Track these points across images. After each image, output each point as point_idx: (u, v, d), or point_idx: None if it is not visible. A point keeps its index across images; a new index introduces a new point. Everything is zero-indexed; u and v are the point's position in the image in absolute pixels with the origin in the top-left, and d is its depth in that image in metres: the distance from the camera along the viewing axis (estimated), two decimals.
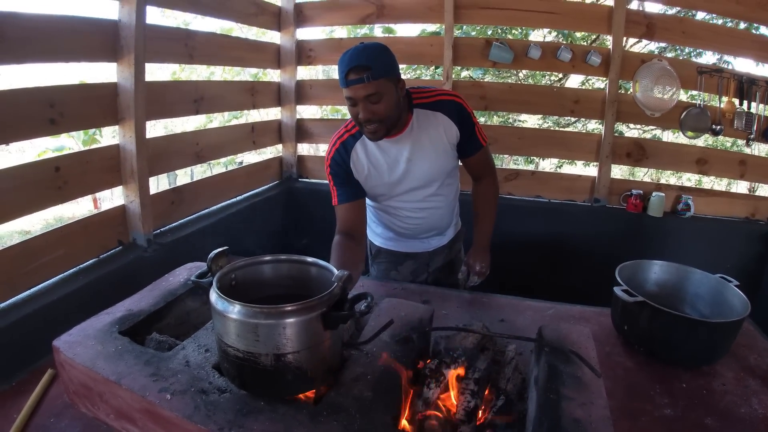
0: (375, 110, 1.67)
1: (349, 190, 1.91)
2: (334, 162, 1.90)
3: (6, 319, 1.75)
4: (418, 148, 1.86)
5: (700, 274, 1.81)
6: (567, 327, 1.42)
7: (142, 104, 2.27)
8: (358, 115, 1.69)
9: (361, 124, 1.73)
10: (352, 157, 1.88)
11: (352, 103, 1.69)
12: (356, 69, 1.61)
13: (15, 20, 1.82)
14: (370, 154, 1.88)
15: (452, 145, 1.91)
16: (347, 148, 1.89)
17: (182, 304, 1.61)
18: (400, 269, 2.22)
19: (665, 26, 3.26)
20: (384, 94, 1.66)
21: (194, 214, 2.86)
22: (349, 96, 1.67)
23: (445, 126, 1.86)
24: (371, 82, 1.62)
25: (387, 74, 1.66)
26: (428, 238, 2.17)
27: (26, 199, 1.92)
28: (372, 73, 1.61)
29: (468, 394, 1.23)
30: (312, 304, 1.07)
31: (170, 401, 1.11)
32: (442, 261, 2.25)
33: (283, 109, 3.89)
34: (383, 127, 1.73)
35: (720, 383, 1.50)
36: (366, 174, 1.90)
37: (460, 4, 3.40)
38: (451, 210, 2.14)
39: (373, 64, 1.62)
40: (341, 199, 1.91)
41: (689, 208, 3.30)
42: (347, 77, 1.63)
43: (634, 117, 3.46)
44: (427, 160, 1.89)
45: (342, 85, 1.67)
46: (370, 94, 1.64)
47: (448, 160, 1.94)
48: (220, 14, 3.14)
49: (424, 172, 1.91)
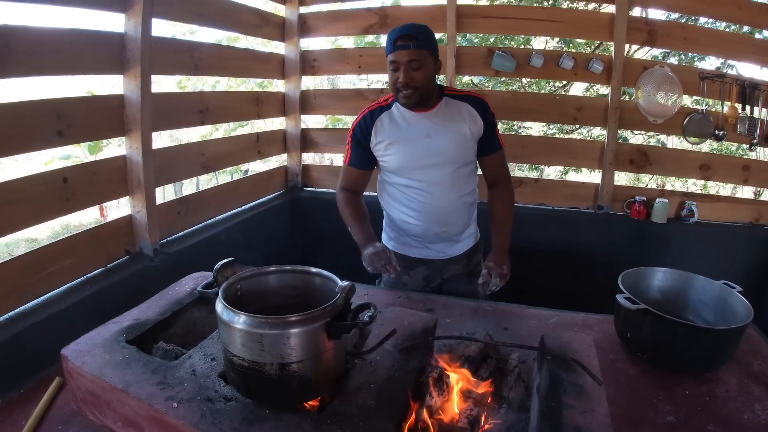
0: (414, 76, 1.89)
1: (362, 156, 2.11)
2: (358, 127, 2.09)
3: (15, 328, 1.77)
4: (440, 127, 2.02)
5: (703, 281, 1.81)
6: (569, 335, 1.43)
7: (148, 116, 2.30)
8: (398, 79, 1.91)
9: (398, 89, 1.93)
10: (377, 124, 2.06)
11: (395, 68, 1.91)
12: (404, 37, 1.87)
13: (23, 34, 1.85)
14: (395, 122, 2.05)
15: (474, 136, 2.06)
16: (373, 117, 2.07)
17: (189, 313, 1.63)
18: (413, 274, 2.23)
19: (667, 32, 3.28)
20: (423, 63, 1.89)
21: (200, 224, 2.89)
22: (394, 60, 1.90)
23: (469, 116, 2.04)
24: (415, 50, 1.87)
25: (429, 48, 1.91)
26: (441, 243, 2.17)
27: (35, 209, 1.95)
28: (417, 42, 1.87)
29: (471, 402, 1.24)
30: (316, 315, 1.09)
31: (177, 409, 1.13)
32: (459, 271, 2.25)
33: (288, 118, 3.92)
34: (417, 94, 1.93)
35: (723, 390, 1.50)
36: (387, 140, 2.05)
37: (462, 13, 3.43)
38: (465, 210, 2.16)
39: (419, 36, 1.88)
40: (352, 162, 2.14)
41: (693, 214, 3.30)
42: (395, 43, 1.89)
43: (637, 124, 3.48)
44: (446, 139, 2.02)
45: (388, 51, 1.92)
46: (412, 59, 1.87)
47: (466, 149, 2.07)
48: (225, 26, 3.18)
49: (440, 150, 2.02)
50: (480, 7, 4.22)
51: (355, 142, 2.11)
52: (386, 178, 2.17)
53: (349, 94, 4.12)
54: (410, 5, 3.88)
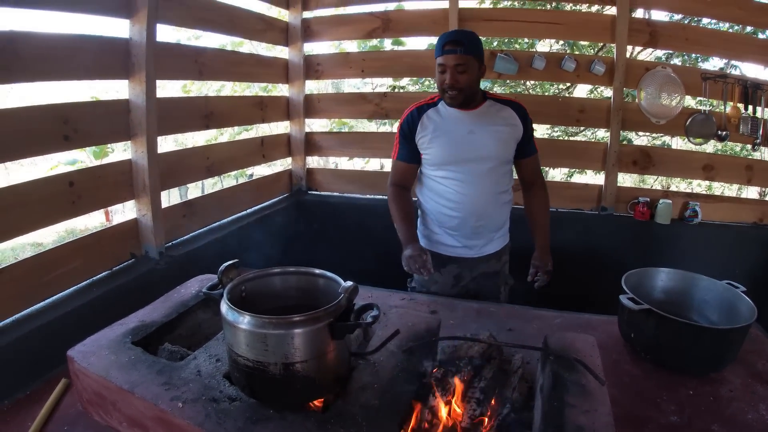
0: (459, 79, 2.03)
1: (408, 150, 2.24)
2: (405, 122, 2.22)
3: (21, 330, 1.78)
4: (482, 126, 2.14)
5: (706, 281, 1.82)
6: (572, 336, 1.44)
7: (153, 120, 2.32)
8: (445, 80, 2.05)
9: (444, 90, 2.08)
10: (423, 120, 2.19)
11: (442, 70, 2.05)
12: (452, 42, 2.02)
13: (30, 40, 1.87)
14: (441, 118, 2.18)
15: (513, 138, 2.19)
16: (420, 113, 2.20)
17: (194, 315, 1.64)
18: (444, 272, 2.29)
19: (669, 33, 3.28)
20: (468, 67, 2.03)
21: (205, 227, 2.90)
22: (442, 63, 2.04)
23: (510, 120, 2.18)
24: (461, 55, 2.00)
25: (474, 53, 2.04)
26: (476, 239, 2.24)
27: (41, 212, 1.96)
28: (464, 48, 2.01)
29: (474, 402, 1.25)
30: (319, 315, 1.10)
31: (182, 409, 1.14)
32: (487, 269, 2.33)
33: (292, 122, 3.93)
34: (462, 95, 2.07)
35: (727, 390, 1.51)
36: (431, 134, 2.17)
37: (464, 16, 3.43)
38: (500, 208, 2.25)
39: (465, 42, 2.02)
40: (400, 156, 2.26)
41: (697, 215, 3.29)
42: (444, 47, 2.03)
43: (640, 125, 3.47)
44: (487, 137, 2.14)
45: (438, 54, 2.06)
46: (458, 63, 2.01)
47: (506, 148, 2.20)
48: (229, 31, 3.21)
49: (481, 146, 2.13)
50: (482, 10, 4.24)
51: (402, 136, 2.24)
52: (427, 172, 2.26)
53: (353, 97, 4.13)
54: (413, 9, 3.87)
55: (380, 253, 2.41)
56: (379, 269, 2.44)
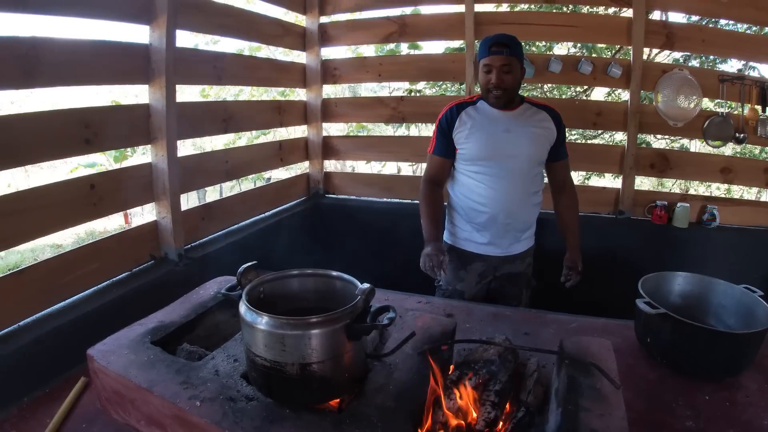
0: (505, 78, 2.11)
1: (445, 145, 2.29)
2: (444, 117, 2.29)
3: (42, 328, 1.82)
4: (518, 127, 2.21)
5: (724, 285, 1.79)
6: (588, 339, 1.43)
7: (173, 124, 2.35)
8: (491, 80, 2.13)
9: (489, 90, 2.16)
10: (461, 116, 2.25)
11: (488, 70, 2.14)
12: (498, 44, 2.10)
13: (51, 45, 1.91)
14: (479, 115, 2.25)
15: (548, 140, 2.26)
16: (459, 109, 2.27)
17: (212, 316, 1.66)
18: (469, 269, 2.34)
19: (685, 35, 3.24)
20: (513, 68, 2.12)
21: (224, 230, 2.92)
22: (488, 63, 2.13)
23: (545, 123, 2.25)
24: (507, 56, 2.10)
25: (518, 55, 2.14)
26: (504, 237, 2.28)
27: (63, 214, 2.00)
28: (510, 50, 2.10)
29: (489, 405, 1.25)
30: (336, 316, 1.11)
31: (199, 408, 1.16)
32: (512, 269, 2.37)
33: (310, 126, 3.95)
34: (506, 95, 2.16)
35: (744, 395, 1.49)
36: (469, 130, 2.23)
37: (481, 20, 3.43)
38: (530, 208, 2.30)
39: (510, 44, 2.11)
40: (436, 150, 2.32)
41: (715, 218, 3.25)
42: (491, 48, 2.11)
43: (657, 127, 3.44)
44: (522, 136, 2.20)
45: (483, 54, 2.14)
46: (504, 64, 2.10)
47: (539, 150, 2.25)
48: (247, 36, 3.24)
49: (516, 145, 2.19)
50: (498, 13, 4.21)
51: (440, 131, 2.30)
52: (461, 167, 2.30)
53: (370, 102, 4.15)
54: (429, 13, 3.88)
55: (397, 256, 2.42)
56: (396, 272, 2.45)
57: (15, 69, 1.78)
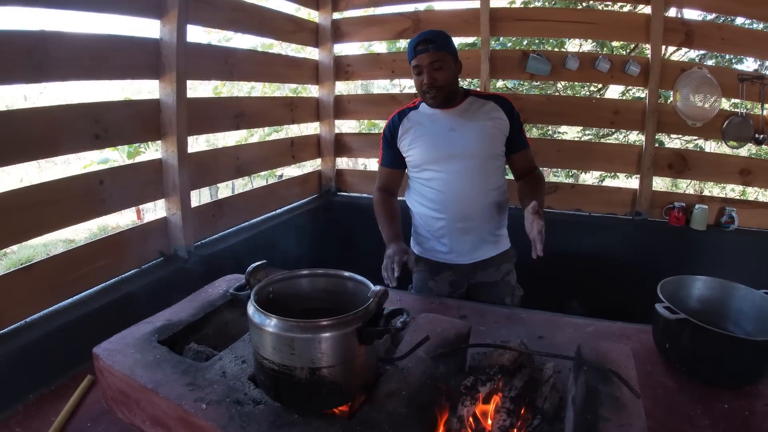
0: (436, 76, 2.00)
1: (391, 155, 2.23)
2: (387, 128, 2.22)
3: (49, 325, 1.80)
4: (464, 122, 2.10)
5: (744, 290, 1.74)
6: (606, 345, 1.39)
7: (183, 120, 2.33)
8: (423, 81, 2.02)
9: (424, 91, 2.05)
10: (403, 123, 2.17)
11: (418, 72, 2.03)
12: (422, 42, 2.00)
13: (61, 39, 1.89)
14: (421, 119, 2.16)
15: (500, 132, 2.12)
16: (401, 117, 2.20)
17: (220, 315, 1.64)
18: (438, 279, 2.23)
19: (704, 33, 3.17)
20: (444, 64, 2.00)
21: (234, 227, 2.90)
22: (416, 65, 2.02)
23: (494, 113, 2.11)
24: (434, 52, 1.98)
25: (447, 49, 2.02)
26: (466, 242, 2.15)
27: (72, 210, 1.99)
28: (435, 45, 1.99)
29: (504, 412, 1.21)
30: (348, 319, 1.08)
31: (206, 411, 1.13)
32: (487, 278, 2.23)
33: (322, 123, 3.93)
34: (442, 93, 2.04)
35: (763, 404, 1.44)
36: (412, 135, 2.15)
37: (496, 16, 3.39)
38: (490, 206, 2.14)
39: (436, 39, 2.00)
40: (384, 162, 2.26)
41: (733, 221, 3.19)
42: (416, 48, 2.00)
43: (676, 127, 3.37)
44: (469, 132, 2.09)
45: (410, 56, 2.04)
46: (433, 61, 1.98)
47: (491, 143, 2.12)
48: (259, 32, 3.22)
49: (463, 143, 2.08)
50: (514, 9, 4.19)
51: (385, 142, 2.23)
52: (412, 175, 2.22)
53: (383, 99, 4.11)
54: (443, 9, 3.84)
55: None
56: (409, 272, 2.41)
57: (24, 63, 1.77)
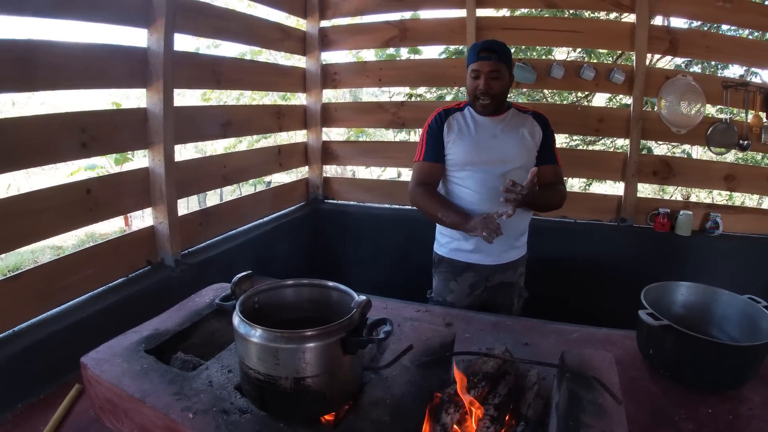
0: (493, 85, 2.09)
1: (436, 149, 2.23)
2: (434, 122, 2.25)
3: (36, 334, 1.80)
4: (506, 131, 2.19)
5: (727, 295, 1.77)
6: (589, 352, 1.40)
7: (170, 129, 2.34)
8: (479, 86, 2.10)
9: (477, 96, 2.13)
10: (449, 121, 2.23)
11: (476, 76, 2.11)
12: (487, 50, 2.08)
13: (48, 48, 1.89)
14: (466, 122, 2.22)
15: (535, 144, 2.21)
16: (447, 114, 2.25)
17: (207, 324, 1.64)
18: (459, 280, 2.29)
19: (688, 41, 3.23)
20: (501, 75, 2.10)
21: (221, 235, 2.90)
22: (476, 69, 2.10)
23: (532, 126, 2.22)
24: (496, 62, 2.07)
25: (506, 62, 2.12)
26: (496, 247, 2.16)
27: (59, 219, 1.98)
28: (498, 56, 2.08)
29: (487, 419, 1.22)
30: (331, 330, 1.09)
31: (192, 420, 1.14)
32: (504, 279, 2.30)
33: (310, 131, 3.94)
34: (494, 102, 2.13)
35: (747, 408, 1.46)
36: (456, 135, 2.20)
37: (482, 25, 3.41)
38: (518, 215, 2.10)
39: (499, 50, 2.09)
40: (426, 157, 2.24)
41: (718, 226, 3.23)
42: (479, 54, 2.08)
43: (660, 134, 3.42)
44: (510, 141, 2.18)
45: (472, 60, 2.11)
46: (493, 70, 2.08)
47: (528, 154, 2.21)
48: (246, 40, 3.23)
49: (504, 150, 2.17)
50: (500, 18, 4.21)
51: (430, 136, 2.25)
52: (449, 174, 2.26)
53: (370, 107, 4.13)
54: (430, 18, 3.87)
55: (396, 262, 2.40)
56: (395, 279, 2.44)
57: (12, 72, 1.77)
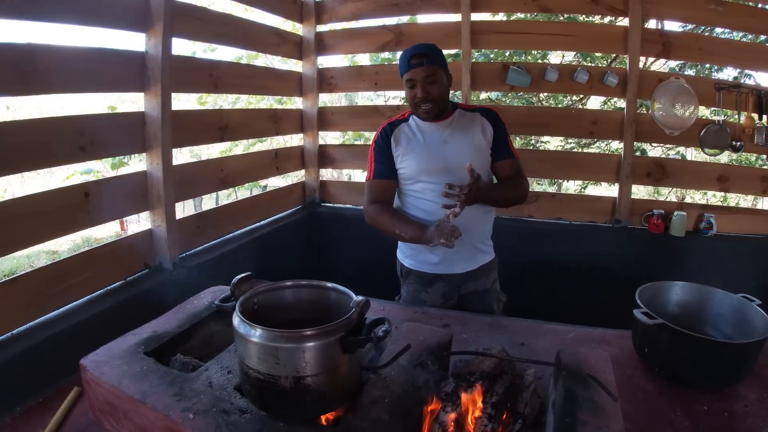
0: (430, 90, 2.04)
1: (386, 165, 2.19)
2: (380, 138, 2.20)
3: (35, 337, 1.80)
4: (454, 135, 2.15)
5: (721, 294, 1.79)
6: (585, 351, 1.42)
7: (168, 133, 2.34)
8: (416, 95, 2.05)
9: (417, 104, 2.08)
10: (395, 134, 2.18)
11: (411, 85, 2.06)
12: (417, 56, 2.02)
13: (47, 52, 1.90)
14: (412, 132, 2.18)
15: (487, 143, 2.17)
16: (393, 128, 2.20)
17: (206, 326, 1.65)
18: (430, 291, 2.24)
19: (681, 44, 3.26)
20: (437, 78, 2.04)
21: (219, 239, 2.91)
22: (410, 78, 2.05)
23: (481, 124, 2.17)
24: (429, 66, 2.02)
25: (440, 63, 2.06)
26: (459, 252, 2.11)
27: (56, 222, 1.98)
28: (430, 59, 2.02)
29: (485, 417, 1.24)
30: (330, 329, 1.10)
31: (192, 420, 1.15)
32: (477, 287, 2.26)
33: (306, 135, 3.95)
34: (436, 107, 2.08)
35: (742, 405, 1.48)
36: (404, 147, 2.16)
37: (477, 29, 3.44)
38: (481, 216, 2.16)
39: (430, 53, 2.04)
40: (377, 174, 2.20)
41: (712, 227, 3.26)
42: (410, 61, 2.03)
43: (654, 136, 3.45)
44: (461, 144, 2.13)
45: (404, 70, 2.06)
46: (427, 75, 2.02)
47: (481, 156, 2.16)
48: (243, 45, 3.25)
49: (455, 155, 2.10)
50: (495, 22, 4.23)
51: (378, 153, 2.20)
52: (404, 188, 2.21)
53: (366, 110, 4.14)
54: (425, 22, 3.90)
55: (393, 265, 2.40)
56: (393, 282, 2.44)
57: (11, 76, 1.77)
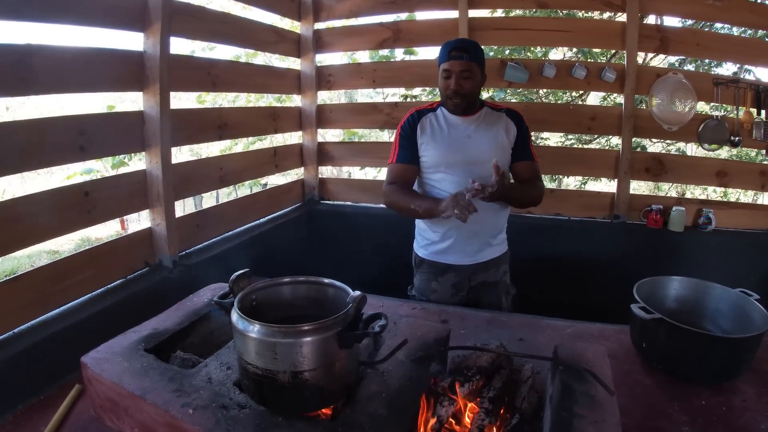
0: (464, 84, 2.08)
1: (410, 150, 2.22)
2: (407, 123, 2.24)
3: (37, 336, 1.81)
4: (479, 131, 2.18)
5: (720, 289, 1.79)
6: (582, 346, 1.43)
7: (167, 132, 2.35)
8: (450, 86, 2.09)
9: (448, 96, 2.12)
10: (422, 122, 2.22)
11: (447, 76, 2.10)
12: (458, 49, 2.06)
13: (46, 52, 1.90)
14: (439, 123, 2.21)
15: (510, 142, 2.21)
16: (420, 115, 2.24)
17: (206, 323, 1.66)
18: (441, 280, 2.28)
19: (679, 39, 3.26)
20: (473, 74, 2.08)
21: (218, 237, 2.92)
22: (447, 68, 2.09)
23: (506, 124, 2.21)
24: (467, 62, 2.06)
25: (478, 61, 2.10)
26: (473, 243, 2.20)
27: (57, 222, 1.99)
28: (470, 55, 2.06)
29: (483, 412, 1.25)
30: (327, 324, 1.11)
31: (192, 416, 1.16)
32: (487, 278, 2.29)
33: (305, 132, 3.95)
34: (465, 102, 2.13)
35: (740, 400, 1.48)
36: (429, 137, 2.20)
37: (475, 26, 3.44)
38: (497, 212, 2.20)
39: (471, 49, 2.08)
40: (400, 158, 2.24)
41: (710, 222, 3.25)
42: (450, 53, 2.06)
43: (652, 132, 3.45)
44: (484, 141, 2.17)
45: (443, 60, 2.09)
46: (464, 69, 2.06)
47: (502, 153, 2.19)
48: (242, 43, 3.24)
49: (477, 150, 2.15)
50: (493, 19, 4.24)
51: (403, 137, 2.24)
52: (424, 176, 2.25)
53: (365, 108, 4.15)
54: (423, 19, 3.91)
55: (392, 262, 2.41)
56: (391, 278, 2.45)
57: (10, 76, 1.78)
